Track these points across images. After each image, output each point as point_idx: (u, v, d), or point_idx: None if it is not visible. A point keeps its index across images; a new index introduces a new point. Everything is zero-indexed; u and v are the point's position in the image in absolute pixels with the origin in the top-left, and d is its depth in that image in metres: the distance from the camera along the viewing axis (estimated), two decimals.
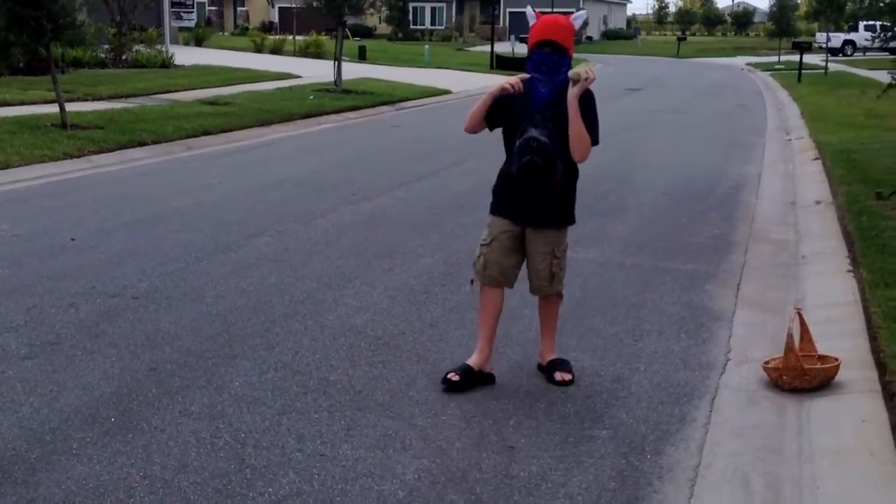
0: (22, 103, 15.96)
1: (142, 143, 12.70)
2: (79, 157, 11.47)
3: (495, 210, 4.59)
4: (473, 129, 4.54)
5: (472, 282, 4.72)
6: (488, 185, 4.67)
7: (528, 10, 4.52)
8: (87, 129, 13.09)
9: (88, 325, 5.32)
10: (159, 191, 9.72)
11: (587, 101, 4.37)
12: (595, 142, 4.41)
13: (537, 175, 4.33)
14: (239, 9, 73.20)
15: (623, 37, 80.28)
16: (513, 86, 4.35)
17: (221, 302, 5.83)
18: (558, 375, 4.64)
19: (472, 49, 54.96)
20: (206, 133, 14.12)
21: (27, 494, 3.44)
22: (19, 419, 4.07)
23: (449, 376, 4.51)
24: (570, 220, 4.61)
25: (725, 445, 4.04)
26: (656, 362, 5.01)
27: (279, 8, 66.78)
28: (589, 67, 4.39)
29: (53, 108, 13.65)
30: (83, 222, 7.97)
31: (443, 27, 71.76)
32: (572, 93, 4.28)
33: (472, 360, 4.59)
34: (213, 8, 68.27)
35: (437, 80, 26.30)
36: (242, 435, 3.98)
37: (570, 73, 4.28)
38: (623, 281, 6.62)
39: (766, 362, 4.72)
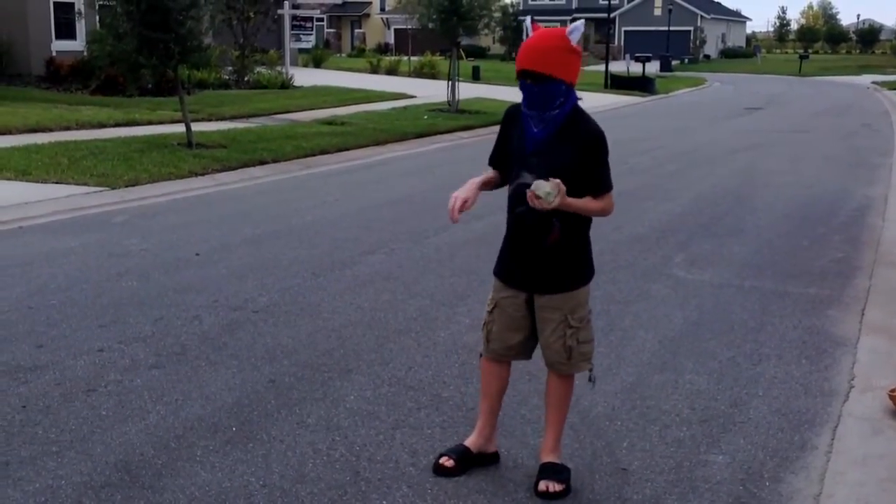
0: (150, 123, 16.68)
1: (262, 162, 13.10)
2: (203, 174, 11.91)
3: (495, 270, 3.89)
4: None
5: (480, 355, 3.97)
6: None
7: (527, 21, 3.64)
8: (211, 148, 13.59)
9: (211, 337, 5.51)
10: (278, 208, 10.00)
11: (594, 148, 3.53)
12: (608, 188, 3.58)
13: (530, 230, 3.61)
14: (356, 31, 74.78)
15: (742, 55, 78.72)
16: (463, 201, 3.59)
17: (337, 317, 5.96)
18: (543, 484, 3.67)
19: (586, 68, 54.65)
20: (324, 152, 14.46)
21: (154, 498, 3.59)
22: (146, 426, 4.24)
23: (441, 461, 3.84)
24: (584, 279, 3.72)
25: (848, 475, 3.91)
26: (775, 388, 4.88)
27: (395, 30, 67.94)
28: (557, 189, 3.39)
29: (180, 128, 14.22)
30: (207, 238, 8.26)
31: None
32: (553, 204, 3.39)
33: (470, 441, 3.91)
34: (331, 30, 69.96)
35: None
36: (357, 448, 4.05)
37: (533, 187, 3.40)
38: (741, 304, 6.47)
39: (893, 391, 4.56)
